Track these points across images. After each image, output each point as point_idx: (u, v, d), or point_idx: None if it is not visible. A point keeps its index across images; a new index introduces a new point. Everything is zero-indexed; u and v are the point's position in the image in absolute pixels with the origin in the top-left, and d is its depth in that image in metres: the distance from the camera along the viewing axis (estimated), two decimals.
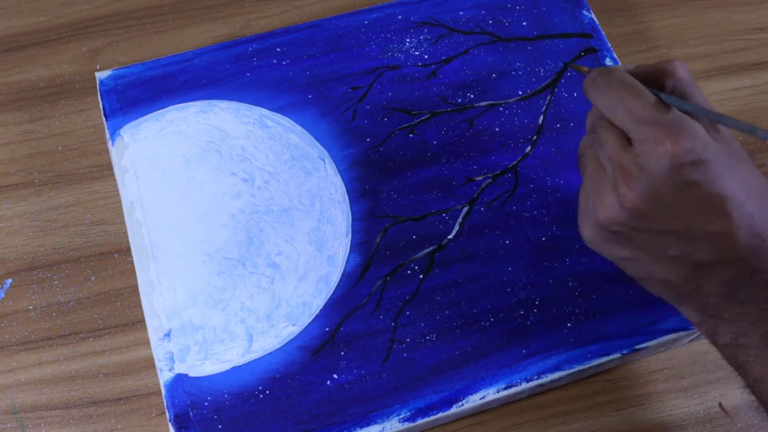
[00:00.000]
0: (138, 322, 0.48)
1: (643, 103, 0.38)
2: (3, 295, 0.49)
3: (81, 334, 0.48)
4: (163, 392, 0.44)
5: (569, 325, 0.46)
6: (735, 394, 0.47)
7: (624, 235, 0.40)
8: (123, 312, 0.49)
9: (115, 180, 0.51)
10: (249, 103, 0.53)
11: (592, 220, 0.41)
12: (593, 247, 0.43)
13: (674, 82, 0.40)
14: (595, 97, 0.40)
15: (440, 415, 0.44)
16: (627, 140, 0.39)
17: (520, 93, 0.53)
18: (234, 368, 0.45)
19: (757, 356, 0.39)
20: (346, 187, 0.50)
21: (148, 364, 0.47)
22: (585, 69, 0.44)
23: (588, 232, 0.42)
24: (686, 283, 0.40)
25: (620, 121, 0.39)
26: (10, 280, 0.49)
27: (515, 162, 0.51)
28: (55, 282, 0.49)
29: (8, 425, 0.45)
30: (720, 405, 0.47)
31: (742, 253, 0.38)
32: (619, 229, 0.40)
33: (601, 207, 0.40)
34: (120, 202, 0.50)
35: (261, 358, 0.45)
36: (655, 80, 0.41)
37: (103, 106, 0.52)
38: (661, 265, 0.40)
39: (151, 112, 0.52)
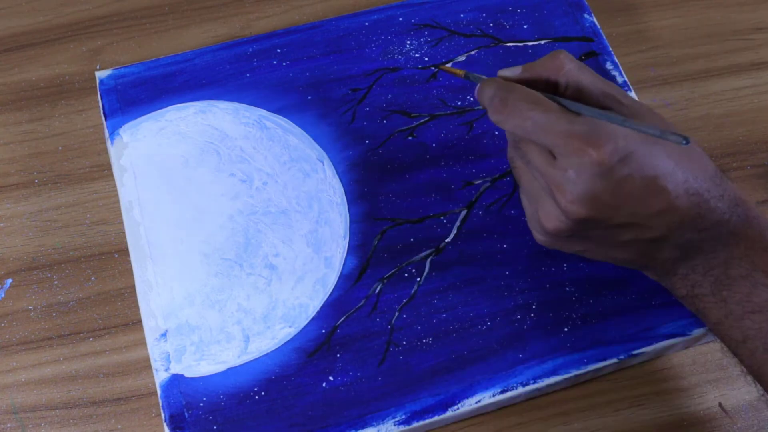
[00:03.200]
0: (138, 322, 0.48)
1: (553, 116, 0.39)
2: (3, 295, 0.49)
3: (81, 334, 0.48)
4: (159, 392, 0.44)
5: (566, 329, 0.46)
6: (735, 394, 0.47)
7: (575, 236, 0.42)
8: (123, 312, 0.49)
9: (114, 180, 0.51)
10: (248, 103, 0.53)
11: (540, 228, 0.43)
12: (548, 246, 0.44)
13: (565, 76, 0.41)
14: (504, 124, 0.40)
15: (436, 418, 0.44)
16: (550, 153, 0.40)
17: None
18: (230, 369, 0.45)
19: (712, 302, 0.41)
20: (344, 189, 0.50)
21: (148, 364, 0.47)
22: (461, 73, 0.44)
23: (540, 237, 0.44)
24: (642, 257, 0.43)
25: (537, 140, 0.40)
26: (10, 280, 0.50)
27: None
28: (55, 282, 0.50)
29: (8, 425, 0.46)
30: (720, 405, 0.47)
31: (686, 218, 0.40)
32: (569, 234, 0.41)
33: (547, 219, 0.41)
34: (120, 202, 0.50)
35: (257, 359, 0.45)
36: (548, 79, 0.41)
37: (102, 105, 0.52)
38: (616, 249, 0.43)
39: (151, 111, 0.52)
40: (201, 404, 0.44)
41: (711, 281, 0.41)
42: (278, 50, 0.55)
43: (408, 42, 0.55)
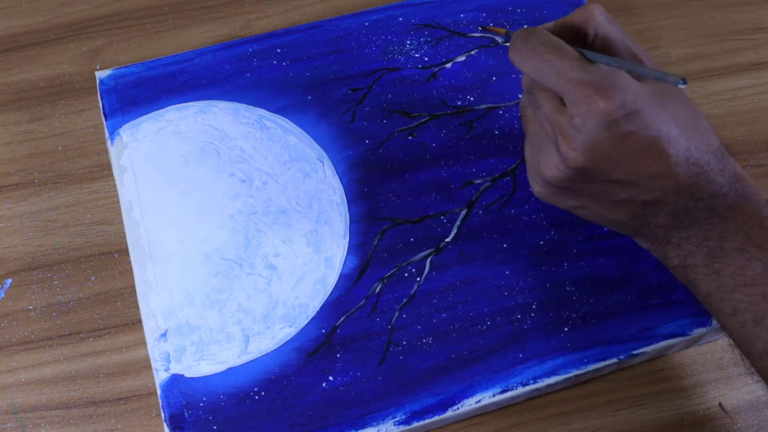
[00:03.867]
0: (138, 322, 0.48)
1: (568, 63, 0.39)
2: (3, 295, 0.49)
3: (81, 334, 0.48)
4: (159, 392, 0.44)
5: (566, 329, 0.46)
6: (735, 394, 0.47)
7: (571, 188, 0.42)
8: (123, 312, 0.49)
9: (114, 180, 0.51)
10: (248, 103, 0.53)
11: (539, 177, 0.43)
12: (544, 199, 0.45)
13: (595, 27, 0.42)
14: (521, 64, 0.41)
15: (436, 418, 0.44)
16: (561, 101, 0.40)
17: (520, 96, 0.53)
18: (230, 369, 0.45)
19: (704, 273, 0.41)
20: (344, 188, 0.50)
21: (148, 364, 0.47)
22: (502, 31, 0.45)
23: (537, 188, 0.44)
24: (635, 220, 0.43)
25: (550, 85, 0.40)
26: (10, 280, 0.50)
27: (514, 165, 0.51)
28: (55, 282, 0.50)
29: (8, 425, 0.46)
30: (720, 405, 0.47)
31: (683, 185, 0.40)
32: (566, 185, 0.42)
33: (546, 166, 0.42)
34: (119, 202, 0.50)
35: (257, 359, 0.45)
36: (578, 30, 0.42)
37: (102, 105, 0.52)
38: (610, 208, 0.43)
39: (151, 111, 0.52)
40: (201, 404, 0.44)
41: (705, 252, 0.41)
42: (278, 50, 0.55)
43: (408, 42, 0.55)
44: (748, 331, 0.40)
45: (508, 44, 0.46)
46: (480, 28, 0.55)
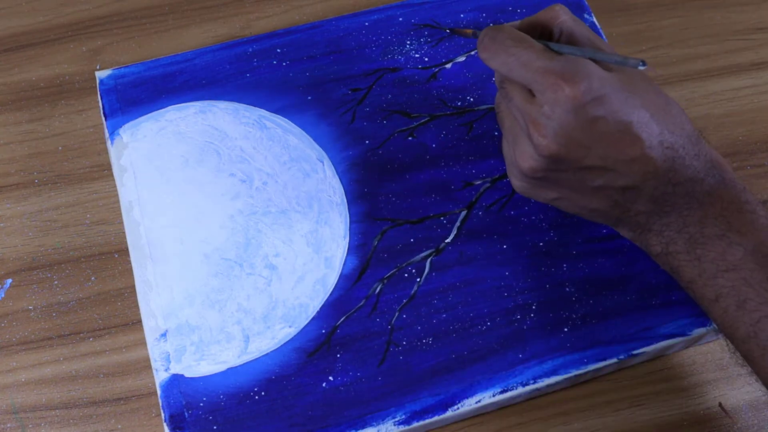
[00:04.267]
0: (138, 322, 0.48)
1: (534, 54, 0.40)
2: (3, 295, 0.49)
3: (81, 334, 0.48)
4: (159, 392, 0.44)
5: (566, 329, 0.46)
6: (735, 394, 0.47)
7: (548, 179, 0.43)
8: (123, 312, 0.49)
9: (114, 180, 0.51)
10: (248, 103, 0.53)
11: (517, 170, 0.44)
12: (525, 194, 0.45)
13: (560, 25, 0.43)
14: (490, 60, 0.42)
15: (436, 418, 0.44)
16: (530, 92, 0.41)
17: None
18: (230, 369, 0.45)
19: (686, 260, 0.42)
20: (344, 189, 0.50)
21: (148, 364, 0.47)
22: (469, 32, 0.46)
23: (516, 182, 0.45)
24: (615, 208, 0.43)
25: (518, 77, 0.41)
26: (10, 280, 0.50)
27: None
28: (55, 282, 0.50)
29: (8, 425, 0.46)
30: (720, 405, 0.47)
31: (660, 169, 0.41)
32: (542, 175, 0.42)
33: (522, 158, 0.42)
34: (120, 202, 0.50)
35: (257, 359, 0.45)
36: (543, 29, 0.44)
37: (102, 105, 0.52)
38: (589, 197, 0.43)
39: (151, 111, 0.52)
40: (201, 404, 0.44)
41: (686, 239, 0.42)
42: (278, 50, 0.55)
43: (408, 42, 0.55)
44: (731, 316, 0.40)
45: (477, 35, 0.46)
46: (448, 31, 0.55)
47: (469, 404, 0.45)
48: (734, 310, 0.40)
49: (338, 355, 0.45)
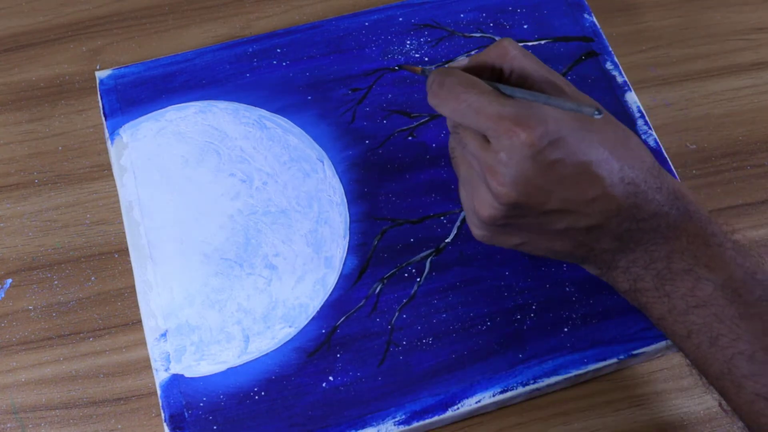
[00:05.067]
0: (138, 322, 0.48)
1: (485, 100, 0.39)
2: (3, 295, 0.49)
3: (81, 334, 0.48)
4: (159, 392, 0.44)
5: (566, 329, 0.46)
6: None
7: (510, 225, 0.41)
8: (123, 312, 0.49)
9: (114, 180, 0.51)
10: (248, 103, 0.53)
11: (477, 219, 0.42)
12: (487, 242, 0.44)
13: (510, 62, 0.41)
14: (440, 107, 0.41)
15: (435, 418, 0.44)
16: (485, 138, 0.40)
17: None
18: (230, 369, 0.45)
19: (655, 296, 0.41)
20: (344, 188, 0.50)
21: (148, 364, 0.47)
22: (418, 69, 0.45)
23: (477, 231, 0.43)
24: (579, 248, 0.42)
25: (471, 124, 0.40)
26: (10, 280, 0.50)
27: None
28: (55, 282, 0.50)
29: (8, 425, 0.46)
30: (720, 405, 0.46)
31: (623, 206, 0.40)
32: (503, 222, 0.41)
33: (481, 207, 0.41)
34: (119, 202, 0.50)
35: (257, 359, 0.45)
36: (493, 67, 0.42)
37: (102, 105, 0.52)
38: (552, 239, 0.42)
39: (151, 111, 0.52)
40: (201, 404, 0.44)
41: (653, 275, 0.41)
42: (278, 50, 0.55)
43: (408, 42, 0.55)
44: (703, 353, 0.39)
45: (425, 73, 0.45)
46: (397, 67, 0.54)
47: (469, 404, 0.45)
48: (707, 347, 0.39)
49: (338, 355, 0.45)
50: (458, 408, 0.44)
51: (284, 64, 0.54)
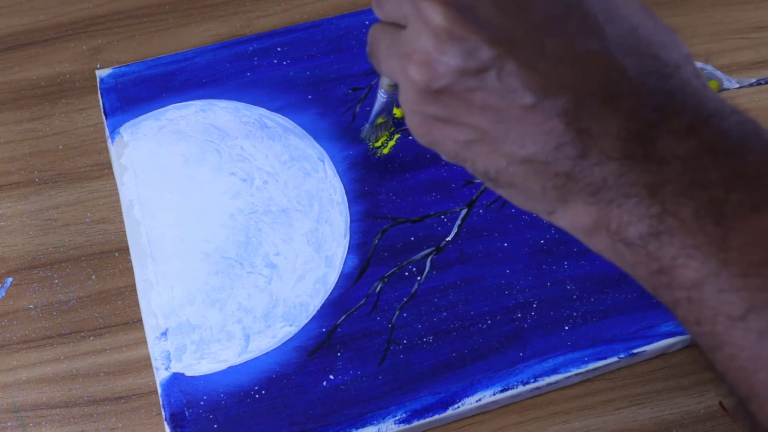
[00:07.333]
0: (138, 321, 0.48)
1: None
2: (3, 294, 0.49)
3: (81, 333, 0.48)
4: (159, 391, 0.44)
5: (566, 328, 0.46)
6: None
7: (456, 99, 0.28)
8: (123, 311, 0.49)
9: (115, 179, 0.51)
10: (249, 102, 0.53)
11: (411, 98, 0.30)
12: (424, 141, 0.32)
13: None
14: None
15: (436, 417, 0.44)
16: None
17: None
18: (230, 368, 0.45)
19: (692, 246, 0.25)
20: (345, 188, 0.50)
21: (149, 363, 0.47)
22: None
23: (413, 119, 0.31)
24: (561, 149, 0.26)
25: None
26: (10, 279, 0.50)
27: None
28: (56, 281, 0.50)
29: (9, 424, 0.46)
30: (720, 404, 0.47)
31: (634, 81, 0.26)
32: (442, 84, 0.28)
33: (411, 63, 0.28)
34: (120, 200, 0.50)
35: (257, 358, 0.45)
36: None
37: (103, 104, 0.52)
38: (518, 129, 0.27)
39: (151, 110, 0.52)
40: (201, 403, 0.44)
41: (695, 207, 0.26)
42: (279, 49, 0.55)
43: None
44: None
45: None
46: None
47: (469, 403, 0.45)
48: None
49: (339, 354, 0.45)
50: (459, 407, 0.44)
51: (285, 62, 0.54)
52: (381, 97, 0.46)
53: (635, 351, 0.46)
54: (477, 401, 0.45)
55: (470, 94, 0.28)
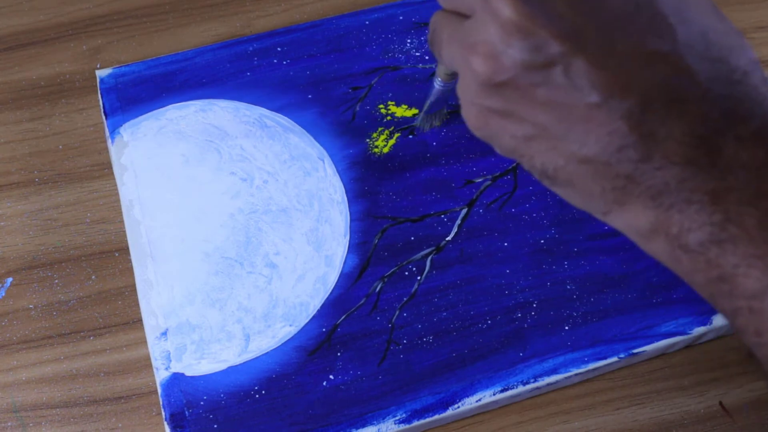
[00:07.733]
0: (138, 321, 0.48)
1: None
2: (3, 294, 0.49)
3: (81, 333, 0.48)
4: (159, 391, 0.44)
5: (566, 328, 0.46)
6: (736, 393, 0.47)
7: (518, 95, 0.28)
8: (123, 311, 0.49)
9: (115, 179, 0.51)
10: (249, 102, 0.53)
11: (471, 89, 0.29)
12: (480, 133, 0.32)
13: None
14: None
15: (436, 417, 0.44)
16: None
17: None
18: (230, 368, 0.45)
19: (754, 255, 0.25)
20: (345, 187, 0.50)
21: (149, 363, 0.47)
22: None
23: (470, 111, 0.31)
24: (623, 151, 0.26)
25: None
26: (10, 279, 0.50)
27: (515, 164, 0.51)
28: (56, 281, 0.50)
29: (9, 424, 0.46)
30: (720, 404, 0.47)
31: (702, 86, 0.26)
32: (506, 77, 0.27)
33: (482, 52, 0.27)
34: (120, 200, 0.50)
35: (257, 358, 0.45)
36: None
37: (103, 104, 0.52)
38: (580, 127, 0.27)
39: (151, 110, 0.52)
40: (201, 403, 0.44)
41: (760, 215, 0.26)
42: (279, 49, 0.55)
43: (408, 41, 0.55)
44: None
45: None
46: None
47: (469, 403, 0.44)
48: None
49: (339, 354, 0.45)
50: (459, 407, 0.44)
51: (285, 62, 0.54)
52: (437, 85, 0.46)
53: (635, 351, 0.46)
54: (477, 401, 0.45)
55: (533, 89, 0.27)
